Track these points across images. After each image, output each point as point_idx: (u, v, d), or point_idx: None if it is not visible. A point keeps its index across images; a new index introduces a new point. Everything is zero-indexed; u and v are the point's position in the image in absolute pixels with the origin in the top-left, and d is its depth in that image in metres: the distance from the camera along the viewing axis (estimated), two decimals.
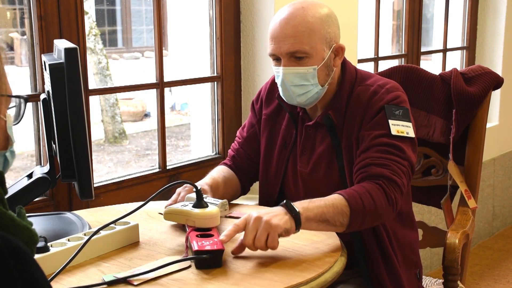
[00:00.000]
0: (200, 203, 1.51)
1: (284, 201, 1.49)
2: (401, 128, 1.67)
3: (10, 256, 0.76)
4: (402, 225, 1.79)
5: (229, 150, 1.96)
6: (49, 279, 1.28)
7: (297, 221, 1.46)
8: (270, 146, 1.86)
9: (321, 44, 1.68)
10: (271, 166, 1.85)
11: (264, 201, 1.88)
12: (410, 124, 1.69)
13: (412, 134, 1.69)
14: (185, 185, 1.68)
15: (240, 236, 1.45)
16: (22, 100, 1.00)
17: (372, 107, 1.70)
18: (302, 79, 1.68)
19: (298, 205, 1.49)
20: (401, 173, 1.63)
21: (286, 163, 1.82)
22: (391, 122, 1.67)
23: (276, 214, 1.45)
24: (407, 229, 1.82)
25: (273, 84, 1.88)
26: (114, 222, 1.50)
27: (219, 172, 1.85)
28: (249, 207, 1.84)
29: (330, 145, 1.74)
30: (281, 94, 1.75)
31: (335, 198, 1.56)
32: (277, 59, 1.71)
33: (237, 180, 1.88)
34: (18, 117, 1.00)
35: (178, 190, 1.70)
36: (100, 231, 1.47)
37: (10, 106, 0.97)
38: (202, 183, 1.73)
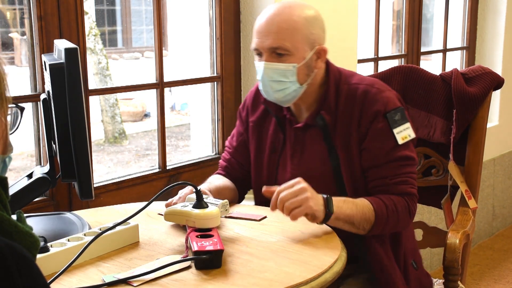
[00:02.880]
0: (200, 203, 1.51)
1: (327, 196, 1.59)
2: (404, 133, 1.73)
3: (14, 264, 0.76)
4: None
5: (220, 161, 1.97)
6: (49, 280, 1.28)
7: (327, 217, 1.58)
8: (260, 152, 1.87)
9: (303, 44, 1.70)
10: (262, 172, 1.86)
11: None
12: (408, 125, 1.74)
13: (413, 134, 1.75)
14: (188, 186, 1.68)
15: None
16: (18, 110, 0.99)
17: (367, 110, 1.72)
18: (281, 75, 1.70)
19: (335, 204, 1.59)
20: (415, 182, 1.75)
21: (276, 167, 1.83)
22: (395, 131, 1.72)
23: (317, 199, 1.56)
24: None
25: (258, 91, 1.89)
26: (118, 225, 1.49)
27: (216, 179, 1.87)
28: (249, 207, 1.83)
29: (322, 145, 1.75)
30: (260, 88, 1.77)
31: (365, 205, 1.66)
32: (259, 54, 1.73)
33: (235, 189, 1.89)
34: (14, 127, 1.00)
35: (181, 191, 1.71)
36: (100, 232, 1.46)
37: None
38: (205, 188, 1.73)
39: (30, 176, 1.62)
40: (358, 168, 1.74)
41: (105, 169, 7.87)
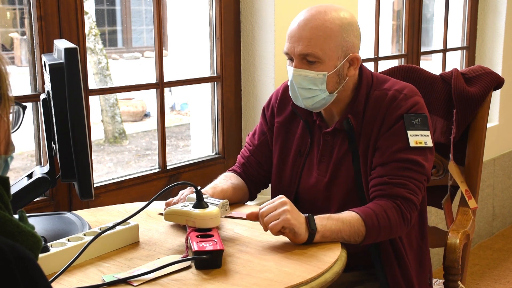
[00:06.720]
0: (200, 203, 1.51)
1: (308, 214, 1.52)
2: (419, 138, 1.67)
3: (16, 265, 0.76)
4: (415, 230, 1.79)
5: (239, 157, 1.92)
6: (50, 280, 1.28)
7: (311, 236, 1.51)
8: (284, 154, 1.83)
9: (336, 52, 1.65)
10: (285, 174, 1.82)
11: None
12: (428, 133, 1.68)
13: (430, 143, 1.68)
14: (189, 186, 1.67)
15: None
16: (20, 108, 1.00)
17: (391, 114, 1.68)
18: (310, 83, 1.66)
19: (319, 222, 1.52)
20: (417, 190, 1.66)
21: (301, 170, 1.80)
22: (409, 133, 1.66)
23: (297, 215, 1.50)
24: (419, 233, 1.82)
25: (285, 92, 1.85)
26: (118, 224, 1.50)
27: (227, 179, 1.83)
28: (250, 207, 1.83)
29: (347, 150, 1.73)
30: (290, 93, 1.74)
31: (353, 217, 1.57)
32: (290, 58, 1.70)
33: (246, 188, 1.86)
34: (16, 125, 1.00)
35: (182, 191, 1.70)
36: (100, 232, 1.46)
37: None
38: (210, 191, 1.72)
39: (30, 176, 1.62)
40: None
41: (105, 169, 7.87)
